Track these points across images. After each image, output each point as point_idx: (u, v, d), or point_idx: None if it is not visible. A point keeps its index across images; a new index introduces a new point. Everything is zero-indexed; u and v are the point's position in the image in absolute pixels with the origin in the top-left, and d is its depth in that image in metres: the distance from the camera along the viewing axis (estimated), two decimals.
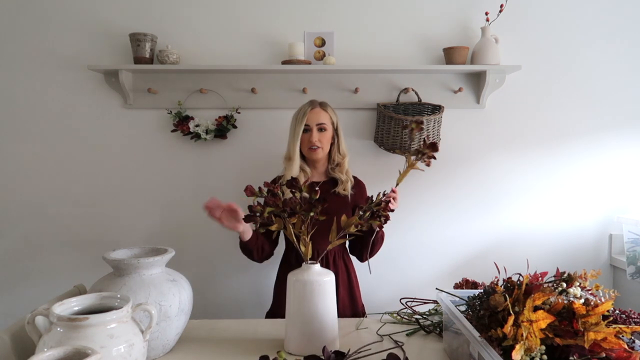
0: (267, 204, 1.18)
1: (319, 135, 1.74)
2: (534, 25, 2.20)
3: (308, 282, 1.21)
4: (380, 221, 1.23)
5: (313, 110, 1.75)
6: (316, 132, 1.73)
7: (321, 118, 1.75)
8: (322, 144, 1.74)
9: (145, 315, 1.08)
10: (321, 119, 1.75)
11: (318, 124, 1.74)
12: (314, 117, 1.74)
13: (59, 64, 2.15)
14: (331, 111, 1.80)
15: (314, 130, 1.73)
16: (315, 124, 1.73)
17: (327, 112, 1.77)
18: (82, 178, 2.19)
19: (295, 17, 2.17)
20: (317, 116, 1.74)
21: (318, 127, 1.74)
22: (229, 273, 2.24)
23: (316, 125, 1.73)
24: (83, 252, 2.19)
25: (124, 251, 1.30)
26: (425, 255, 2.26)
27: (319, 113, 1.75)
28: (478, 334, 0.95)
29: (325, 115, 1.76)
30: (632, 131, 2.24)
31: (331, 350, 1.11)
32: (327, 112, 1.77)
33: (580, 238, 2.26)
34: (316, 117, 1.74)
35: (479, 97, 2.18)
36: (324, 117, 1.75)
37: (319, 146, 1.73)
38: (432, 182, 2.22)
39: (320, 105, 1.78)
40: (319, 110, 1.76)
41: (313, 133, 1.73)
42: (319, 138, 1.73)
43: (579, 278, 1.05)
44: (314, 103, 1.78)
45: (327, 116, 1.77)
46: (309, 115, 1.73)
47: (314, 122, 1.73)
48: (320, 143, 1.74)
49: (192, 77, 2.16)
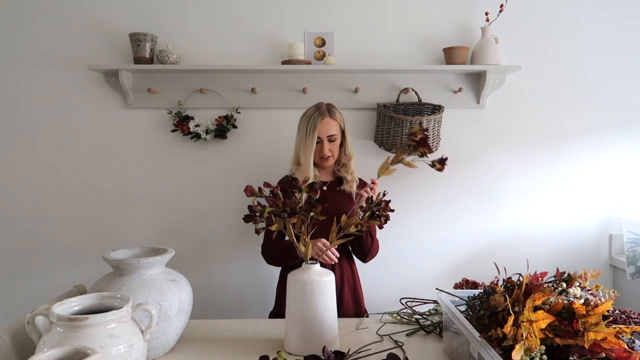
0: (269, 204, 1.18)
1: (330, 145, 1.73)
2: (534, 25, 2.20)
3: (308, 282, 1.21)
4: (380, 221, 1.23)
5: (323, 122, 1.70)
6: (327, 144, 1.72)
7: (331, 129, 1.72)
8: (333, 153, 1.75)
9: (145, 315, 1.08)
10: (331, 130, 1.72)
11: (329, 135, 1.71)
12: (324, 130, 1.71)
13: (59, 64, 2.15)
14: (339, 116, 1.77)
15: (324, 142, 1.71)
16: (326, 136, 1.71)
17: (336, 120, 1.74)
18: (81, 178, 2.19)
19: (295, 17, 2.17)
20: (328, 128, 1.71)
21: (329, 139, 1.72)
22: (229, 273, 2.24)
23: (327, 137, 1.71)
24: (83, 252, 2.19)
25: (124, 251, 1.30)
26: (426, 255, 2.26)
27: (329, 124, 1.71)
28: (478, 334, 0.95)
29: (335, 125, 1.73)
30: (632, 131, 2.23)
31: (331, 350, 1.11)
32: (336, 120, 1.74)
33: (580, 238, 2.26)
34: (327, 129, 1.71)
35: (479, 97, 2.18)
36: (334, 128, 1.72)
37: (329, 155, 1.73)
38: (432, 182, 2.22)
39: (329, 114, 1.73)
40: (328, 121, 1.71)
41: (324, 145, 1.71)
42: (330, 148, 1.73)
43: (579, 278, 1.05)
44: (322, 111, 1.72)
45: (337, 125, 1.74)
46: (320, 127, 1.70)
47: (325, 135, 1.71)
48: (331, 152, 1.74)
49: (192, 77, 2.16)
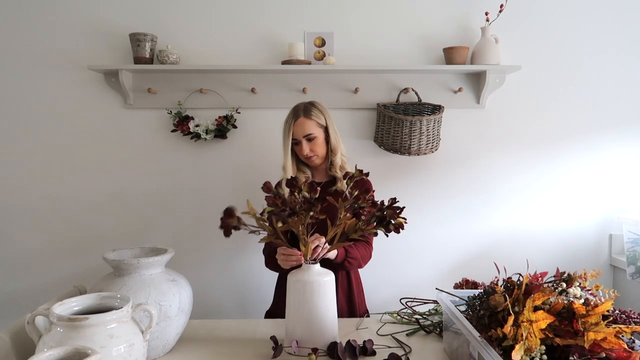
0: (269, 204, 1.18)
1: (310, 145, 1.67)
2: (534, 25, 2.20)
3: (308, 282, 1.21)
4: (389, 229, 1.19)
5: (297, 122, 1.66)
6: (306, 143, 1.67)
7: (306, 129, 1.66)
8: (316, 152, 1.68)
9: (145, 315, 1.08)
10: (306, 129, 1.66)
11: (305, 135, 1.66)
12: (299, 130, 1.66)
13: (59, 64, 2.15)
14: (317, 113, 1.69)
15: (302, 142, 1.67)
16: (302, 136, 1.66)
17: (312, 119, 1.67)
18: (81, 178, 2.19)
19: (295, 17, 2.17)
20: (302, 128, 1.66)
21: (306, 138, 1.67)
22: (229, 273, 2.24)
23: (304, 137, 1.66)
24: (83, 252, 2.19)
25: (124, 251, 1.30)
26: (425, 255, 2.26)
27: (303, 124, 1.66)
28: (478, 334, 0.95)
29: (310, 123, 1.67)
30: (632, 131, 2.24)
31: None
32: (311, 119, 1.67)
33: (580, 238, 2.26)
34: (301, 130, 1.66)
35: (479, 97, 2.18)
36: (309, 127, 1.66)
37: (312, 155, 1.68)
38: (432, 182, 2.22)
39: (304, 114, 1.67)
40: (302, 121, 1.66)
41: (302, 146, 1.67)
42: (310, 148, 1.67)
43: (578, 278, 1.05)
44: (297, 112, 1.68)
45: (313, 123, 1.67)
46: (294, 128, 1.66)
47: (301, 135, 1.66)
48: (313, 152, 1.68)
49: (192, 77, 2.16)
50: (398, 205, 1.20)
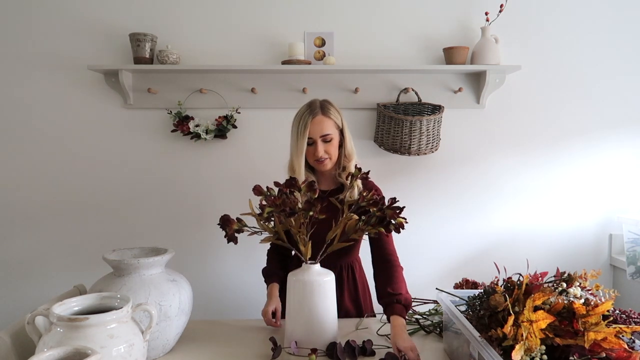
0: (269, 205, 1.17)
1: (325, 146, 1.49)
2: (534, 25, 2.20)
3: (308, 282, 1.21)
4: (390, 229, 1.18)
5: (315, 120, 1.47)
6: (321, 145, 1.48)
7: (325, 128, 1.48)
8: (330, 154, 1.50)
9: (145, 315, 1.08)
10: (325, 129, 1.48)
11: (322, 135, 1.48)
12: (317, 129, 1.47)
13: (59, 64, 2.15)
14: (334, 113, 1.53)
15: (318, 143, 1.48)
16: (319, 136, 1.48)
17: (331, 118, 1.50)
18: (81, 178, 2.19)
19: (295, 17, 2.17)
20: (320, 127, 1.48)
21: (323, 139, 1.48)
22: (229, 273, 2.24)
23: (320, 137, 1.48)
24: (83, 252, 2.19)
25: (124, 251, 1.30)
26: (425, 255, 2.25)
27: (322, 122, 1.48)
28: (478, 334, 0.95)
29: (329, 123, 1.49)
30: (632, 131, 2.23)
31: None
32: (330, 117, 1.50)
33: (580, 238, 2.26)
34: (319, 129, 1.48)
35: (479, 97, 2.18)
36: (327, 127, 1.49)
37: (325, 158, 1.50)
38: (432, 182, 2.22)
39: (322, 111, 1.50)
40: (321, 119, 1.48)
41: (318, 146, 1.48)
42: (325, 149, 1.49)
43: (579, 278, 1.05)
44: (314, 109, 1.50)
45: (331, 123, 1.50)
46: (311, 127, 1.47)
47: (318, 134, 1.47)
48: (328, 154, 1.50)
49: (192, 77, 2.16)
50: (398, 205, 1.21)
